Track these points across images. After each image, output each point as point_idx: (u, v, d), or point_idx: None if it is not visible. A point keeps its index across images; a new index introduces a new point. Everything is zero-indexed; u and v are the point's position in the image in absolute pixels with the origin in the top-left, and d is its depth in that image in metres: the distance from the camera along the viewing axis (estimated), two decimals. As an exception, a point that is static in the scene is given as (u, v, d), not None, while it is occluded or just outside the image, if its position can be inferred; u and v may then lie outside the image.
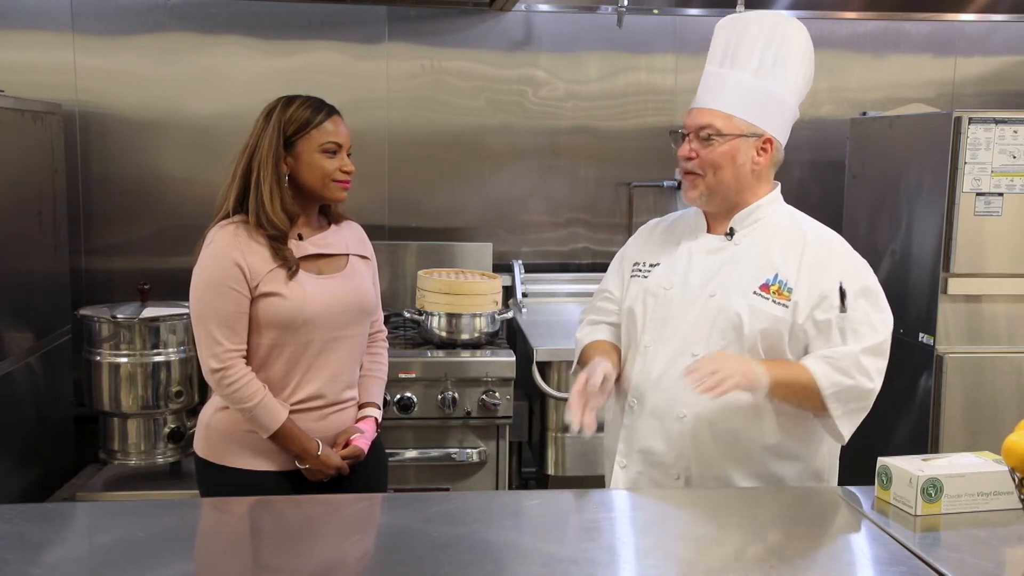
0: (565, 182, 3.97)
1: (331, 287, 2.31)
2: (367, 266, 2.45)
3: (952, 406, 3.15)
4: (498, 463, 3.24)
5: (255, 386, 2.25)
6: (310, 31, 3.76)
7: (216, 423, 2.32)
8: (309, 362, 2.30)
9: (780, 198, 2.15)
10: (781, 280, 2.03)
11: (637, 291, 2.17)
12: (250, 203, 2.27)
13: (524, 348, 3.35)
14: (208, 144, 3.70)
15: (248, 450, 2.29)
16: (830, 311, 2.01)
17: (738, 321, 2.02)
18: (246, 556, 1.69)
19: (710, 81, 2.10)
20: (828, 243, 2.10)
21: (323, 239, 2.36)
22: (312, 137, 2.29)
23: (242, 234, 2.26)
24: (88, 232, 3.73)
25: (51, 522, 1.73)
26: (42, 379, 3.33)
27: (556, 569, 1.56)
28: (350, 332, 2.35)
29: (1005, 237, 3.13)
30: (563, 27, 3.89)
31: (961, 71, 4.05)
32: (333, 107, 2.36)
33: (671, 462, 2.08)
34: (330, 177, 2.30)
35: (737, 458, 2.05)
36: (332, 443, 2.35)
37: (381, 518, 1.87)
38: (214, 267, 2.24)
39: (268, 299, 2.24)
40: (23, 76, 3.53)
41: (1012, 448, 1.66)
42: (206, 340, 2.24)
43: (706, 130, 2.05)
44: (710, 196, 2.09)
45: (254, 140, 2.30)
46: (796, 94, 2.11)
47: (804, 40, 2.10)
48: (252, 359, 2.28)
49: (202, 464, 2.34)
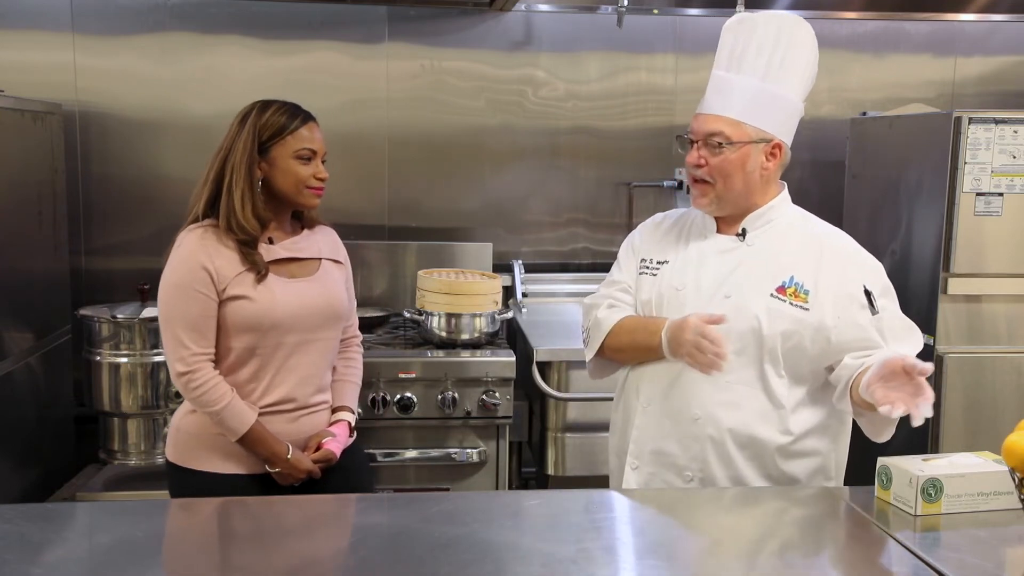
0: (565, 182, 3.96)
1: (301, 290, 2.32)
2: (340, 270, 2.46)
3: (952, 406, 3.14)
4: (498, 463, 3.23)
5: (222, 389, 2.25)
6: (310, 31, 3.76)
7: (185, 426, 2.32)
8: (279, 365, 2.30)
9: (788, 198, 2.15)
10: (797, 282, 2.03)
11: (648, 289, 2.15)
12: (221, 207, 2.28)
13: (524, 348, 3.34)
14: (208, 144, 3.61)
15: (217, 453, 2.29)
16: (861, 313, 2.01)
17: (757, 324, 2.01)
18: (246, 556, 1.69)
19: (718, 85, 2.08)
20: (844, 245, 2.11)
21: (294, 243, 2.37)
22: (287, 143, 2.29)
23: (210, 238, 2.26)
24: (88, 232, 3.73)
25: (51, 522, 1.73)
26: (42, 379, 3.33)
27: (556, 569, 1.56)
28: (320, 336, 2.36)
29: (1005, 237, 3.13)
30: (563, 27, 3.88)
31: (961, 71, 4.05)
32: (309, 113, 2.37)
33: (684, 463, 2.08)
34: (304, 183, 2.31)
35: (751, 458, 2.05)
36: (303, 447, 2.35)
37: (381, 518, 1.87)
38: (181, 270, 2.25)
39: (236, 302, 2.25)
40: (23, 76, 3.53)
41: (1012, 448, 1.65)
42: (172, 343, 2.25)
43: (716, 138, 2.03)
44: (720, 204, 2.09)
45: (228, 143, 2.31)
46: (802, 93, 2.10)
47: (810, 40, 2.09)
48: (221, 362, 2.29)
49: (172, 468, 2.34)
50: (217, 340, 2.27)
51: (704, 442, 2.05)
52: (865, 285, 2.03)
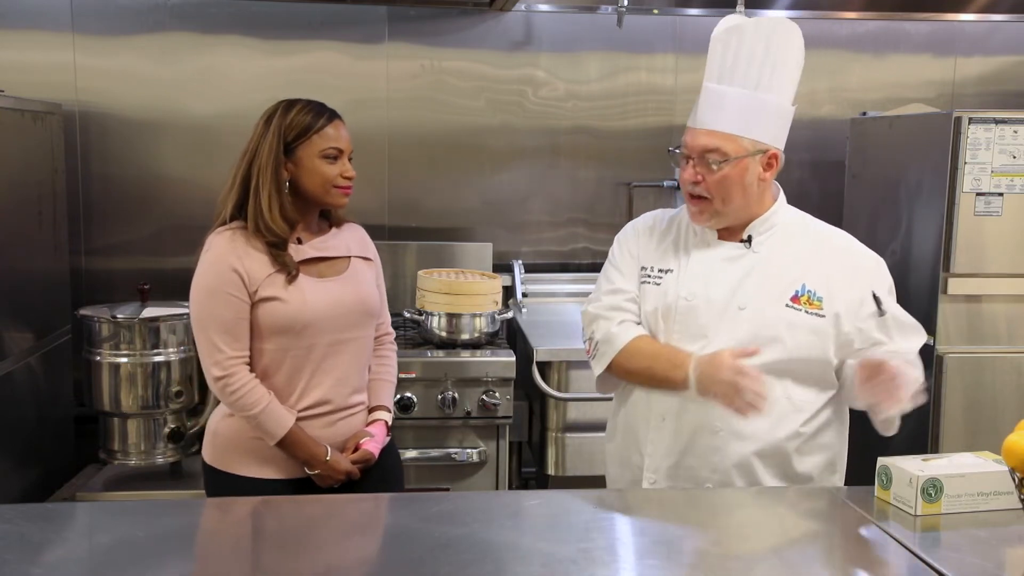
0: (565, 182, 3.96)
1: (332, 290, 2.30)
2: (370, 268, 2.43)
3: (952, 406, 3.14)
4: (498, 463, 3.24)
5: (259, 392, 2.23)
6: (310, 31, 3.76)
7: (223, 430, 2.30)
8: (314, 367, 2.28)
9: (785, 200, 2.14)
10: (810, 290, 2.02)
11: (653, 299, 2.11)
12: (249, 210, 2.24)
13: (524, 348, 3.34)
14: (208, 144, 3.70)
15: (255, 458, 2.27)
16: (871, 317, 2.02)
17: (777, 334, 2.00)
18: (245, 556, 1.69)
19: (710, 99, 2.03)
20: (848, 246, 2.11)
21: (323, 242, 2.34)
22: (313, 142, 2.26)
23: (239, 239, 2.24)
24: (88, 232, 3.73)
25: (51, 522, 1.73)
26: (42, 379, 3.33)
27: (556, 569, 1.56)
28: (354, 335, 2.34)
29: (1005, 237, 3.13)
30: (563, 27, 3.88)
31: (961, 71, 4.05)
32: (334, 111, 2.33)
33: (706, 476, 2.06)
34: (331, 183, 2.28)
35: (771, 465, 2.05)
36: (341, 449, 2.33)
37: (381, 518, 1.87)
38: (212, 274, 2.23)
39: (267, 304, 2.23)
40: (23, 76, 3.53)
41: (1012, 448, 1.65)
42: (208, 348, 2.23)
43: (712, 155, 1.99)
44: (719, 219, 2.06)
45: (254, 145, 2.27)
46: (792, 95, 2.07)
47: (798, 41, 2.06)
48: (256, 365, 2.26)
49: (210, 471, 2.32)
50: (250, 344, 2.25)
51: (725, 454, 2.03)
52: (873, 291, 2.03)
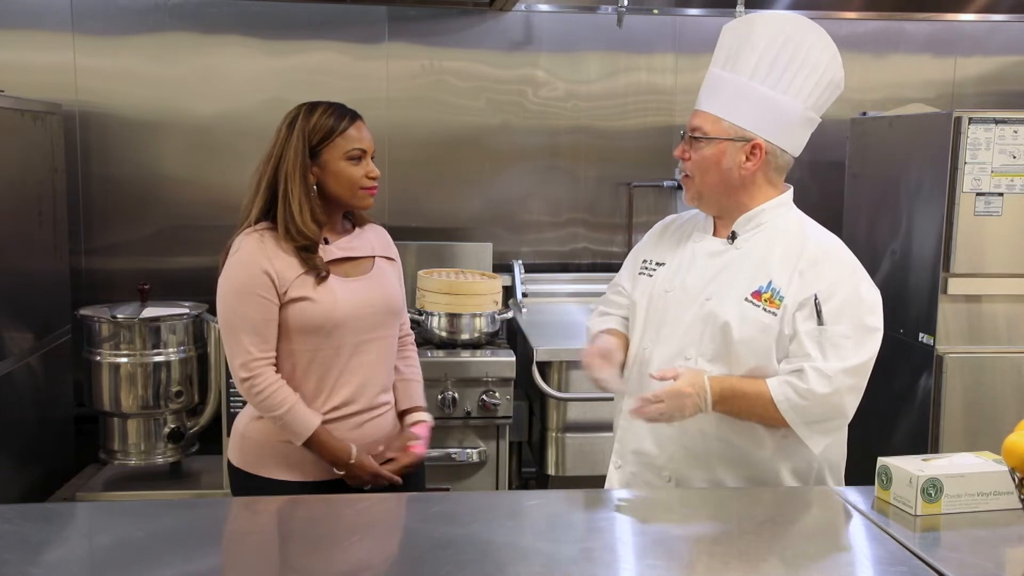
0: (565, 182, 3.97)
1: (359, 290, 2.29)
2: (393, 267, 2.43)
3: (952, 406, 3.14)
4: (498, 463, 3.24)
5: (284, 393, 2.22)
6: (310, 31, 3.76)
7: (251, 433, 2.29)
8: (341, 367, 2.27)
9: (789, 203, 2.11)
10: (774, 288, 1.99)
11: (642, 290, 2.16)
12: (279, 215, 2.23)
13: (524, 348, 3.34)
14: (208, 144, 3.70)
15: (283, 461, 2.26)
16: (809, 322, 1.96)
17: (727, 327, 1.99)
18: (245, 556, 1.69)
19: (710, 82, 2.09)
20: (824, 250, 2.03)
21: (348, 242, 2.34)
22: (337, 145, 2.25)
23: (268, 241, 2.23)
24: (88, 232, 3.73)
25: (51, 522, 1.73)
26: (42, 379, 3.34)
27: (556, 569, 1.56)
28: (380, 334, 2.33)
29: (1005, 237, 3.13)
30: (563, 27, 3.89)
31: (961, 71, 4.05)
32: (355, 112, 2.32)
33: (662, 464, 2.08)
34: (358, 185, 2.26)
35: (729, 462, 2.04)
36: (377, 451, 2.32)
37: (381, 518, 1.87)
38: (242, 275, 2.21)
39: (298, 304, 2.21)
40: (23, 76, 3.53)
41: (1012, 448, 1.65)
42: (236, 349, 2.22)
43: (695, 132, 2.04)
44: (702, 200, 2.09)
45: (279, 151, 2.25)
46: (811, 100, 2.04)
47: (820, 43, 2.03)
48: (283, 366, 2.25)
49: (236, 473, 2.32)
50: (277, 345, 2.24)
51: (678, 442, 2.05)
52: (817, 294, 1.96)
